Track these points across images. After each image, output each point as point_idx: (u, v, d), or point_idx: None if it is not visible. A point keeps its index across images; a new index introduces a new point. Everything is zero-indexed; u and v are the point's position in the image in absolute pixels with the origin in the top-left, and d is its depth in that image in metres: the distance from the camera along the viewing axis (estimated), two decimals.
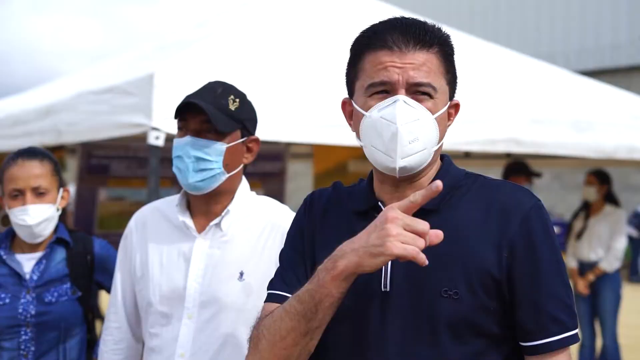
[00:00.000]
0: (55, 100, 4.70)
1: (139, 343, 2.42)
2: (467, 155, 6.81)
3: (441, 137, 1.59)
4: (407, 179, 1.60)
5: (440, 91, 1.57)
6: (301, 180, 10.96)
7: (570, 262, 6.73)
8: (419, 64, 1.54)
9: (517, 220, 1.54)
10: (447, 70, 1.59)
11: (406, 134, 1.52)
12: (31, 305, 2.62)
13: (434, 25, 1.60)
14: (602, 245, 6.52)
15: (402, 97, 1.53)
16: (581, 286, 6.53)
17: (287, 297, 1.60)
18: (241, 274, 2.22)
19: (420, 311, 1.52)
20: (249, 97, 2.35)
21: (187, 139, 2.21)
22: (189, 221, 2.29)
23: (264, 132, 3.74)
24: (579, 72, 10.22)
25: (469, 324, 1.52)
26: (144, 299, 2.32)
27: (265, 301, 1.68)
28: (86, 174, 5.94)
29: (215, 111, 2.19)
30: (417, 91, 1.54)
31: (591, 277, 6.49)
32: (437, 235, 1.41)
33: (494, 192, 1.59)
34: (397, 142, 1.52)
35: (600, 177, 6.59)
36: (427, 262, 1.38)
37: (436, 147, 1.58)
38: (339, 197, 1.71)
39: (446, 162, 1.67)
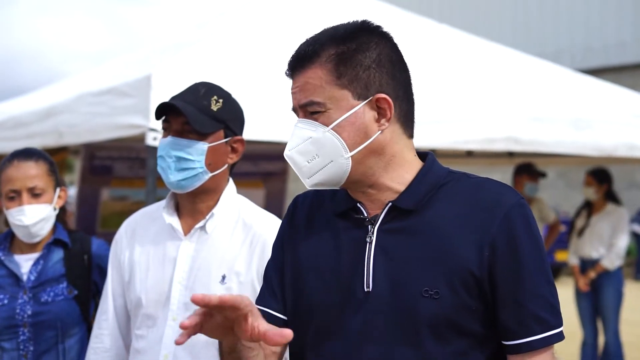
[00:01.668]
0: (56, 102, 4.72)
1: (128, 351, 2.42)
2: (470, 154, 6.79)
3: (357, 142, 1.55)
4: (360, 183, 1.60)
5: (333, 100, 1.55)
6: None
7: (572, 260, 6.74)
8: (302, 85, 1.57)
9: (498, 218, 1.51)
10: (339, 75, 1.55)
11: (300, 156, 1.58)
12: (28, 306, 2.64)
13: (324, 32, 1.60)
14: (604, 243, 6.50)
15: (296, 122, 1.60)
16: (582, 283, 6.53)
17: (268, 313, 1.66)
18: (223, 277, 2.23)
19: (401, 311, 1.50)
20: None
21: (169, 139, 2.24)
22: (175, 223, 2.31)
23: (266, 132, 3.76)
24: (585, 70, 10.20)
25: (450, 323, 1.49)
26: (132, 302, 2.34)
27: None
28: (89, 175, 5.97)
29: (195, 112, 2.20)
30: (307, 111, 1.58)
31: (592, 274, 6.48)
32: (282, 335, 1.37)
33: (476, 190, 1.57)
34: (294, 166, 1.60)
35: (599, 176, 6.57)
36: (181, 341, 1.38)
37: (352, 154, 1.55)
38: (322, 199, 1.72)
39: (429, 160, 1.64)
